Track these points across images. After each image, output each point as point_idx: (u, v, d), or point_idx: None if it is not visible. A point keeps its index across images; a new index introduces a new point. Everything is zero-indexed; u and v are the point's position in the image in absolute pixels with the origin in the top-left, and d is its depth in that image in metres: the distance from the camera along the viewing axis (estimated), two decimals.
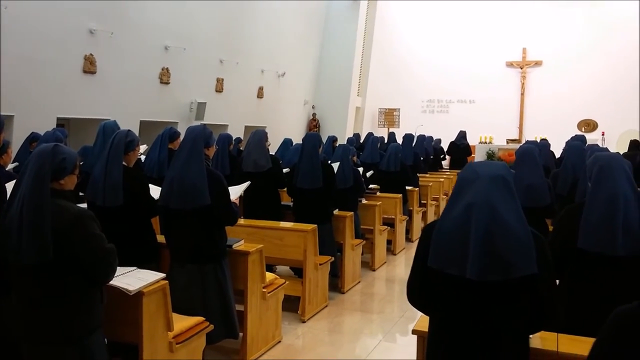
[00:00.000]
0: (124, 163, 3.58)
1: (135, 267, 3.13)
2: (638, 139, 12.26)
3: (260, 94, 13.74)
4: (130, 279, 2.95)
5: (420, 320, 2.47)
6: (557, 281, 2.77)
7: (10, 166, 4.77)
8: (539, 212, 4.06)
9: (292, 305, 5.03)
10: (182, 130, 4.89)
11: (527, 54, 16.20)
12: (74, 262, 2.39)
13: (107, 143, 3.68)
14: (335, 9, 16.38)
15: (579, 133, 15.46)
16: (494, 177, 1.95)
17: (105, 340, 2.66)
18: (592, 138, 15.38)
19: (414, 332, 2.46)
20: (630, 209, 2.47)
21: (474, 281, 1.88)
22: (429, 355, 2.09)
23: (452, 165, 12.51)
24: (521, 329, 1.97)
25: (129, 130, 3.85)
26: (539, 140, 9.67)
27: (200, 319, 3.37)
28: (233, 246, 3.88)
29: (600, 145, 14.92)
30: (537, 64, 16.08)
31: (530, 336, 2.11)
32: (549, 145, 8.39)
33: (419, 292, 2.13)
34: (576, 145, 5.51)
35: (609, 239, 2.47)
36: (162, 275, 3.06)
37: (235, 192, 3.95)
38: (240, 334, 3.93)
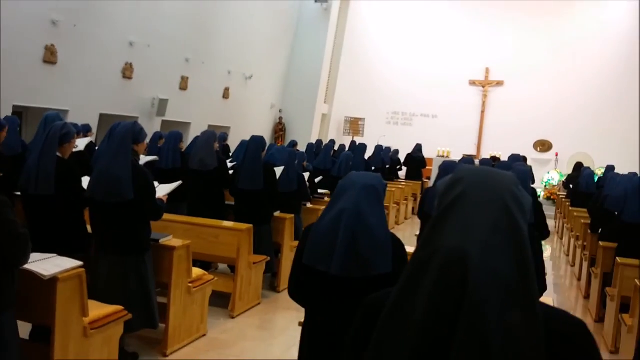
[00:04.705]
0: (58, 154, 3.72)
1: (55, 254, 3.26)
2: (586, 161, 12.81)
3: (226, 95, 13.86)
4: (48, 264, 3.09)
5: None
6: None
7: None
8: None
9: (225, 302, 5.19)
10: (143, 125, 4.89)
11: (490, 73, 16.73)
12: None
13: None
14: (306, 15, 16.62)
15: (534, 152, 16.04)
16: (366, 186, 2.17)
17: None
18: (546, 158, 15.96)
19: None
20: None
21: (338, 277, 2.10)
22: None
23: (407, 176, 12.92)
24: None
25: (65, 122, 4.01)
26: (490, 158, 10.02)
27: (119, 307, 3.50)
28: (160, 241, 4.03)
29: (554, 166, 15.50)
30: (499, 84, 16.62)
31: None
32: (494, 163, 8.72)
33: (297, 287, 2.33)
34: (514, 166, 5.81)
35: None
36: (80, 263, 3.20)
37: (165, 189, 4.10)
38: (163, 325, 4.08)
